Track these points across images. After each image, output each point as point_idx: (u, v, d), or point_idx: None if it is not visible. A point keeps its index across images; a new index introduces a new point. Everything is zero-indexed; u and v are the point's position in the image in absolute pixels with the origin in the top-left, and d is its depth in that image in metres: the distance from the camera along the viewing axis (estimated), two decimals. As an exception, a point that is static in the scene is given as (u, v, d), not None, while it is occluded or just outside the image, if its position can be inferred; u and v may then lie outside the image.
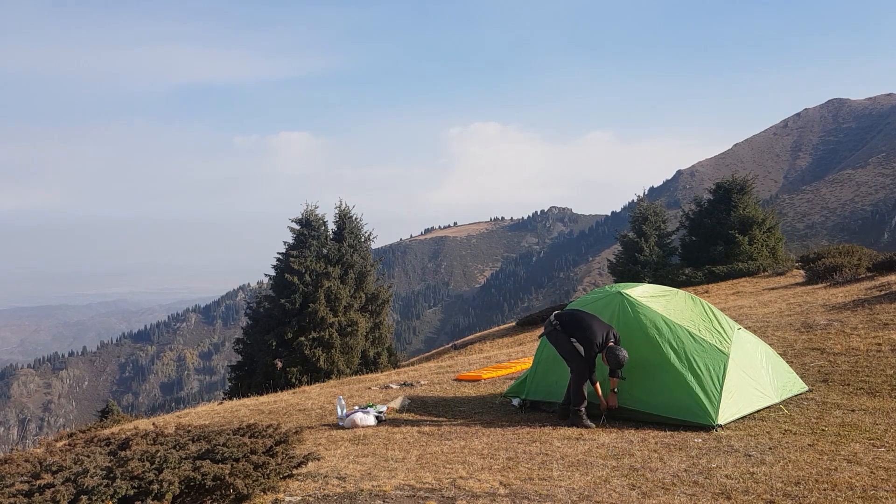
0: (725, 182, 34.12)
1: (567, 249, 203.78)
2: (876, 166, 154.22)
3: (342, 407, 7.96)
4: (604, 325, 7.42)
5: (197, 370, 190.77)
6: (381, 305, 24.18)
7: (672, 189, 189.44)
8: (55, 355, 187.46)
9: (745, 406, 7.11)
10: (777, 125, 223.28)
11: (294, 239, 23.31)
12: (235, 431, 5.15)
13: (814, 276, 20.30)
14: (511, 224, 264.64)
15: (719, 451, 5.95)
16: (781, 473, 5.25)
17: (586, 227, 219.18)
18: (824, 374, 8.70)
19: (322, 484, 5.29)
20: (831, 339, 10.28)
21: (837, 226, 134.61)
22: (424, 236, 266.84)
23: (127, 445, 4.77)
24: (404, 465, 5.83)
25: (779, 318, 12.57)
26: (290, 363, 21.10)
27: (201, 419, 9.36)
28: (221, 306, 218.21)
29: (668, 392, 7.10)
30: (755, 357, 7.83)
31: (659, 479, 5.22)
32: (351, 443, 6.86)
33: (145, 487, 4.20)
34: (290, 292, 21.86)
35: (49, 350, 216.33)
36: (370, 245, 25.65)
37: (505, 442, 6.62)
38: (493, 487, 5.13)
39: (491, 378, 10.57)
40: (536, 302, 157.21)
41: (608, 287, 8.67)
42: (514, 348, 18.49)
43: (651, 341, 7.38)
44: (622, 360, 7.14)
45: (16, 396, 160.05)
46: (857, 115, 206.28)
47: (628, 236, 34.96)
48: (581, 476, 5.37)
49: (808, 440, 6.20)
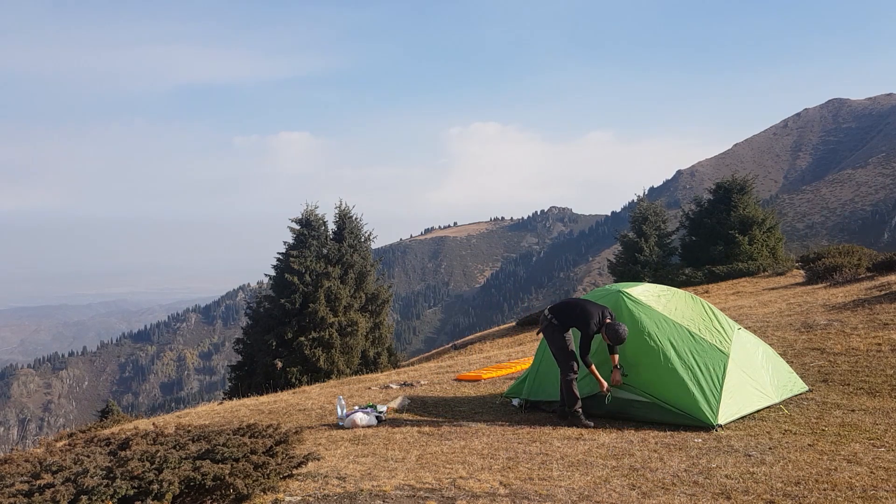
0: (725, 182, 34.12)
1: (567, 249, 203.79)
2: (876, 166, 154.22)
3: (342, 407, 7.95)
4: (597, 306, 7.49)
5: (197, 370, 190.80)
6: (381, 305, 24.18)
7: (672, 189, 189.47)
8: (55, 355, 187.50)
9: (745, 406, 7.11)
10: (777, 125, 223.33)
11: (294, 239, 23.32)
12: (235, 431, 5.15)
13: (814, 276, 20.30)
14: (511, 224, 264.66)
15: (719, 451, 5.95)
16: (781, 473, 5.25)
17: (586, 227, 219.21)
18: (824, 374, 8.69)
19: (322, 484, 5.29)
20: (831, 339, 10.28)
21: (837, 226, 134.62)
22: (424, 236, 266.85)
23: (127, 445, 4.76)
24: (404, 465, 5.83)
25: (779, 318, 12.57)
26: (290, 363, 21.10)
27: (201, 419, 9.36)
28: (221, 306, 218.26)
29: (668, 391, 7.11)
30: (755, 357, 7.83)
31: (659, 479, 5.22)
32: (351, 443, 6.86)
33: (145, 487, 4.20)
34: (290, 292, 21.86)
35: (49, 350, 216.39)
36: (370, 245, 25.66)
37: (505, 442, 6.62)
38: (493, 487, 5.13)
39: (491, 378, 10.57)
40: (536, 302, 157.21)
41: (608, 286, 8.68)
42: (514, 348, 18.48)
43: (651, 340, 7.37)
44: (622, 334, 7.19)
45: (16, 396, 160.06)
46: (857, 115, 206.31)
47: (628, 236, 34.96)
48: (581, 476, 5.37)
49: (808, 440, 6.20)
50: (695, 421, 6.80)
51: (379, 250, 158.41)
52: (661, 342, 7.34)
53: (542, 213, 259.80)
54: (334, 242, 23.91)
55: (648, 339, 7.40)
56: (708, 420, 6.72)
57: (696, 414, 6.82)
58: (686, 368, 7.13)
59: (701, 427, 6.73)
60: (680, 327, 7.53)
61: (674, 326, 7.52)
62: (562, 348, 7.48)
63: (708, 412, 6.78)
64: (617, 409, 7.42)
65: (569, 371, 7.40)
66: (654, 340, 7.36)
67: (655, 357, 7.30)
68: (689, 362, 7.19)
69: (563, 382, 7.43)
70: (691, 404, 6.89)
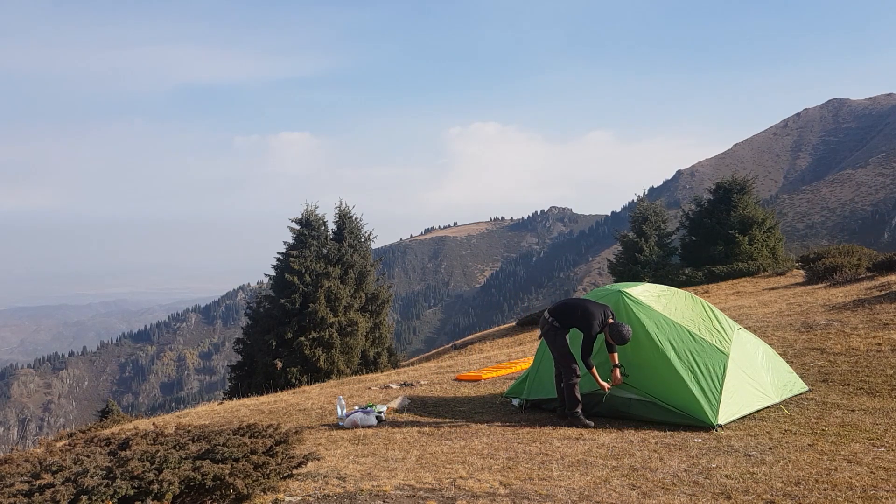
0: (725, 182, 34.11)
1: (567, 249, 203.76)
2: (876, 166, 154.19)
3: (342, 407, 7.96)
4: (599, 306, 7.46)
5: (197, 370, 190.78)
6: (381, 305, 24.18)
7: (672, 189, 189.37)
8: (55, 355, 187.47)
9: (745, 406, 7.11)
10: (777, 125, 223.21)
11: (294, 239, 23.32)
12: (235, 431, 5.15)
13: (814, 276, 20.29)
14: (511, 224, 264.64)
15: (719, 451, 5.95)
16: (781, 473, 5.25)
17: (586, 227, 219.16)
18: (824, 374, 8.69)
19: (322, 484, 5.29)
20: (831, 339, 10.28)
21: (837, 226, 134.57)
22: (424, 236, 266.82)
23: (127, 445, 4.76)
24: (404, 465, 5.83)
25: (779, 318, 12.57)
26: (290, 363, 21.10)
27: (201, 419, 9.36)
28: (221, 306, 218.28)
29: (668, 391, 7.11)
30: (755, 357, 7.83)
31: (659, 479, 5.22)
32: (351, 443, 6.86)
33: (145, 487, 4.20)
34: (290, 292, 21.86)
35: (49, 350, 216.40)
36: (370, 245, 25.67)
37: (505, 442, 6.62)
38: (493, 487, 5.13)
39: (491, 378, 10.57)
40: (536, 302, 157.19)
41: (608, 286, 8.68)
42: (514, 348, 18.48)
43: (651, 340, 7.37)
44: (626, 334, 7.17)
45: (16, 396, 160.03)
46: (857, 115, 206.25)
47: (628, 236, 34.95)
48: (581, 476, 5.37)
49: (808, 440, 6.20)
50: (695, 421, 6.80)
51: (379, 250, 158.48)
52: (662, 342, 7.33)
53: (542, 213, 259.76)
54: (334, 242, 23.91)
55: (648, 339, 7.40)
56: (708, 420, 6.72)
57: (697, 414, 6.82)
58: (686, 368, 7.13)
59: (701, 427, 6.73)
60: (680, 327, 7.53)
61: (674, 326, 7.52)
62: (563, 352, 7.45)
63: (708, 412, 6.77)
64: (617, 409, 7.43)
65: (571, 375, 7.38)
66: (654, 340, 7.36)
67: (655, 357, 7.30)
68: (690, 362, 7.19)
69: (566, 386, 7.41)
70: (691, 404, 6.89)
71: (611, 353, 7.39)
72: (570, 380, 7.38)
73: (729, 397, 6.97)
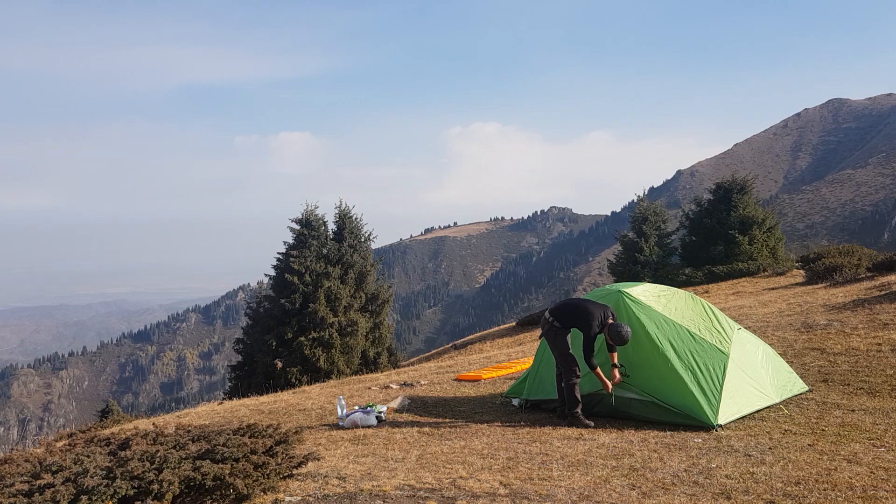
0: (725, 182, 34.13)
1: (567, 249, 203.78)
2: (876, 166, 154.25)
3: (342, 407, 7.95)
4: (599, 306, 7.47)
5: (197, 370, 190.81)
6: (381, 305, 24.18)
7: (672, 189, 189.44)
8: (55, 355, 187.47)
9: (744, 406, 7.11)
10: (777, 125, 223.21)
11: (294, 239, 23.32)
12: (235, 431, 5.15)
13: (814, 276, 20.29)
14: (511, 224, 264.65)
15: (719, 451, 5.95)
16: (781, 473, 5.25)
17: (586, 227, 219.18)
18: (824, 374, 8.69)
19: (322, 484, 5.29)
20: (831, 339, 10.28)
21: (837, 226, 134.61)
22: (424, 236, 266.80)
23: (127, 445, 4.76)
24: (404, 465, 5.83)
25: (779, 318, 12.57)
26: (290, 363, 21.10)
27: (201, 419, 9.36)
28: (221, 306, 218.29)
29: (668, 391, 7.11)
30: (755, 357, 7.83)
31: (659, 479, 5.22)
32: (351, 443, 6.85)
33: (145, 487, 4.20)
34: (290, 292, 21.86)
35: (49, 350, 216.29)
36: (370, 245, 25.68)
37: (505, 442, 6.62)
38: (493, 487, 5.13)
39: (491, 378, 10.57)
40: (536, 302, 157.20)
41: (608, 286, 8.68)
42: (514, 348, 18.48)
43: (651, 340, 7.37)
44: (626, 335, 7.17)
45: (16, 396, 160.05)
46: (857, 115, 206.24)
47: (628, 236, 34.96)
48: (581, 476, 5.37)
49: (808, 440, 6.20)
50: (695, 421, 6.80)
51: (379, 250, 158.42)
52: (662, 342, 7.33)
53: (542, 213, 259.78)
54: (334, 242, 23.91)
55: (648, 339, 7.40)
56: (708, 420, 6.72)
57: (697, 414, 6.82)
58: (686, 368, 7.13)
59: (701, 427, 6.73)
60: (680, 327, 7.53)
61: (674, 326, 7.52)
62: (563, 352, 7.46)
63: (708, 412, 6.77)
64: (617, 409, 7.43)
65: (571, 375, 7.38)
66: (654, 340, 7.36)
67: (655, 357, 7.30)
68: (690, 362, 7.19)
69: (566, 386, 7.42)
70: (691, 404, 6.89)
71: (610, 353, 7.40)
72: (570, 380, 7.39)
73: (729, 397, 6.97)
